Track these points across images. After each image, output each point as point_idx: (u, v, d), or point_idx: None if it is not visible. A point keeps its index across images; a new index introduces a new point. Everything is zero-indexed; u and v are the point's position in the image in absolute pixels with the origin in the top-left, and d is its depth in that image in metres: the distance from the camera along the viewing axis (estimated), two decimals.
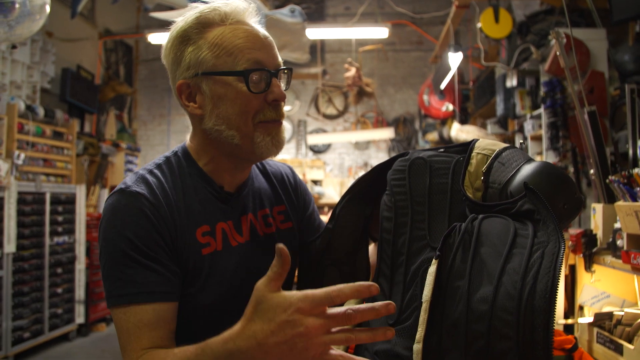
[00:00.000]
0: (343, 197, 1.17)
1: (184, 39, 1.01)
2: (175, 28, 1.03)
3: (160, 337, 0.92)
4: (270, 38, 1.04)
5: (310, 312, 0.71)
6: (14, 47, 3.16)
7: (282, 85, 1.05)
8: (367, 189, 1.16)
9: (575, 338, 1.24)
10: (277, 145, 1.03)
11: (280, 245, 0.73)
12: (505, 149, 0.99)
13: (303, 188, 1.29)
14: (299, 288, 1.21)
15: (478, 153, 1.00)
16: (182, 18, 1.03)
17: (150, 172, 1.03)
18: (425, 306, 0.81)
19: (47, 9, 2.50)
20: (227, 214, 1.07)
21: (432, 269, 0.83)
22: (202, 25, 1.00)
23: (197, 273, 0.99)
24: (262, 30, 1.04)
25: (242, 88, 0.98)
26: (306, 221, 1.27)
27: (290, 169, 1.30)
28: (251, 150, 1.01)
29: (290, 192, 1.24)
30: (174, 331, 0.96)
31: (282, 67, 1.04)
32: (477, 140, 1.04)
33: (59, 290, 4.61)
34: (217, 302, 1.01)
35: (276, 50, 1.04)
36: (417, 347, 0.80)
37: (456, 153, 1.04)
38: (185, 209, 1.01)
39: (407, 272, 0.95)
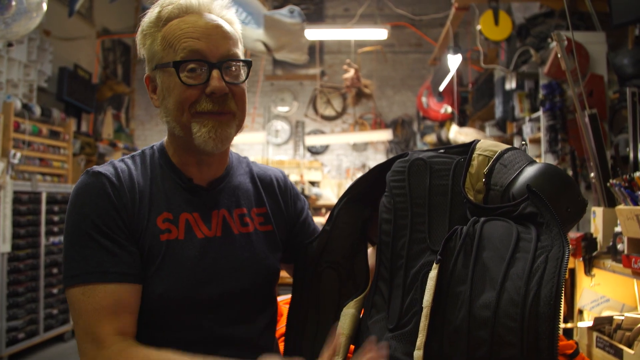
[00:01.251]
0: (341, 199, 1.14)
1: (145, 33, 1.04)
2: (141, 22, 1.05)
3: (122, 324, 0.93)
4: (226, 28, 1.02)
5: None
6: (10, 44, 3.14)
7: (242, 76, 1.04)
8: (365, 191, 1.14)
9: (576, 343, 1.23)
10: (214, 138, 1.00)
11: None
12: (507, 150, 0.97)
13: (294, 193, 1.27)
14: (295, 291, 1.19)
15: (479, 154, 0.98)
16: (148, 12, 1.05)
17: (122, 160, 1.07)
18: (426, 312, 0.79)
19: (44, 6, 2.48)
20: (194, 205, 1.06)
21: (433, 273, 0.82)
22: (161, 20, 1.02)
23: (152, 259, 0.99)
24: (217, 21, 1.02)
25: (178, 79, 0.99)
26: (300, 226, 1.25)
27: (282, 173, 1.29)
28: (192, 141, 1.02)
29: (278, 196, 1.22)
30: (136, 316, 0.97)
31: (228, 59, 1.01)
32: (478, 141, 1.02)
33: (55, 290, 4.58)
34: (172, 290, 1.00)
35: (229, 40, 1.02)
36: (417, 353, 0.78)
37: (456, 154, 1.02)
38: (149, 196, 1.02)
39: (407, 275, 0.93)
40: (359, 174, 7.75)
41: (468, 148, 1.01)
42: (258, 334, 1.09)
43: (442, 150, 1.05)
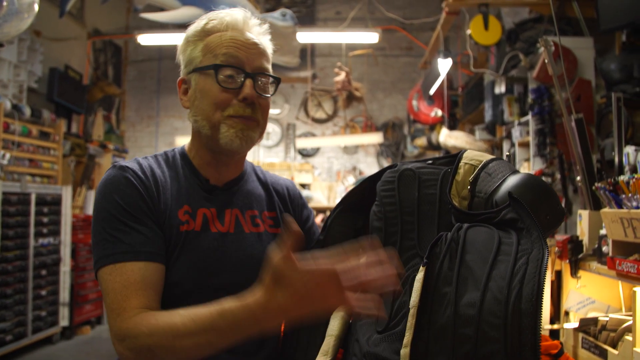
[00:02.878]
0: (334, 209, 1.20)
1: (189, 40, 1.14)
2: (186, 31, 1.15)
3: (148, 299, 0.96)
4: (262, 46, 1.14)
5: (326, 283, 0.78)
6: (0, 45, 3.12)
7: (270, 91, 1.14)
8: (358, 201, 1.18)
9: (561, 343, 1.25)
10: (241, 138, 1.09)
11: (289, 218, 0.83)
12: (492, 160, 1.03)
13: (302, 202, 1.34)
14: None
15: (466, 163, 1.03)
16: (194, 23, 1.14)
17: (145, 157, 1.14)
18: (412, 311, 0.83)
19: (36, 7, 2.47)
20: (210, 202, 1.14)
21: (420, 275, 0.85)
22: (206, 31, 1.12)
23: (172, 248, 1.05)
24: (255, 39, 1.13)
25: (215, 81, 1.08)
26: (305, 233, 1.30)
27: (292, 183, 1.37)
28: (217, 140, 1.09)
29: (288, 203, 1.29)
30: (160, 295, 1.00)
31: (261, 72, 1.11)
32: (465, 150, 1.07)
33: (43, 292, 4.55)
34: (186, 279, 1.05)
35: (264, 57, 1.13)
36: (404, 351, 0.81)
37: (443, 165, 1.08)
38: (170, 190, 1.09)
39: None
40: (350, 177, 7.80)
41: (454, 159, 1.06)
42: None
43: (429, 162, 1.10)
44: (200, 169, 1.15)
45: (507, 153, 1.16)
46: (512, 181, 0.94)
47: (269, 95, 1.14)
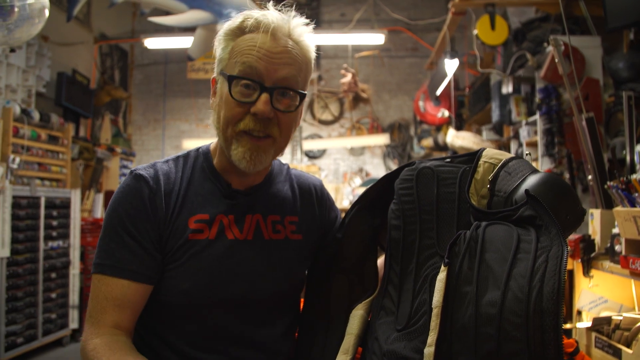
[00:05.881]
0: (352, 207, 1.18)
1: (221, 38, 1.07)
2: (222, 28, 1.08)
3: (121, 318, 1.01)
4: (293, 54, 1.03)
5: None
6: (12, 50, 3.15)
7: (292, 105, 1.04)
8: (376, 199, 1.17)
9: (576, 342, 1.25)
10: (248, 160, 1.02)
11: None
12: (511, 159, 1.01)
13: (330, 203, 1.30)
14: (307, 295, 1.22)
15: (485, 162, 1.01)
16: (231, 20, 1.07)
17: (166, 161, 1.12)
18: (436, 311, 0.82)
19: (46, 13, 2.49)
20: (230, 208, 1.10)
21: (442, 275, 0.84)
22: (239, 29, 1.04)
23: (180, 255, 1.05)
24: (287, 45, 1.02)
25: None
26: (332, 236, 1.26)
27: (320, 183, 1.31)
28: (230, 155, 1.05)
29: (315, 204, 1.25)
30: (137, 315, 1.03)
31: (281, 87, 1.01)
32: (485, 149, 1.05)
33: (53, 295, 4.58)
34: (197, 287, 1.04)
35: (292, 67, 1.02)
36: (429, 350, 0.81)
37: (462, 163, 1.06)
38: (184, 198, 1.08)
39: (417, 280, 0.96)
40: (356, 178, 7.80)
41: (473, 157, 1.04)
42: (275, 338, 1.12)
43: (448, 160, 1.08)
44: (222, 173, 1.12)
45: (527, 153, 1.16)
46: (532, 180, 0.92)
47: (289, 112, 1.04)
